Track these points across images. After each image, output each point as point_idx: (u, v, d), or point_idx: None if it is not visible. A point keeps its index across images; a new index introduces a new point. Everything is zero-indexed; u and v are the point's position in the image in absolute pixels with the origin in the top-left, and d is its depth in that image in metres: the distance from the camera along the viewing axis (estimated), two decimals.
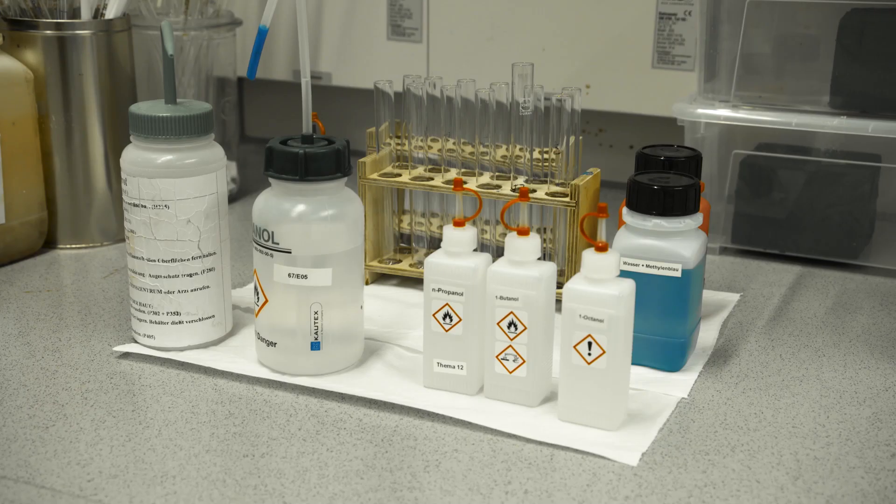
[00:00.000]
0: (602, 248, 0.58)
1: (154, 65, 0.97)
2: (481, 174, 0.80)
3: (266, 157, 0.66)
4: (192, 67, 0.98)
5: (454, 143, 0.80)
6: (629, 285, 0.59)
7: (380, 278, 0.83)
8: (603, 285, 0.58)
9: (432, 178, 0.80)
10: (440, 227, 0.83)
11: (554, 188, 0.76)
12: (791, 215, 0.86)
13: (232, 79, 1.03)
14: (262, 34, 0.68)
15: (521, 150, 0.78)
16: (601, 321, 0.58)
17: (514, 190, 0.77)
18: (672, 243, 0.65)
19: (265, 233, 0.65)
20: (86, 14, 0.86)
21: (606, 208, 0.58)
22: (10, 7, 0.86)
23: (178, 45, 0.96)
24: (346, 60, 1.11)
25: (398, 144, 0.82)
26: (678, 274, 0.64)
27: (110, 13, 0.88)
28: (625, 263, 0.65)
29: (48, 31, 0.85)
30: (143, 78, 0.96)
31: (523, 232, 0.61)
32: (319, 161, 0.65)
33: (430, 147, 0.81)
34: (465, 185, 0.64)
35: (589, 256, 0.58)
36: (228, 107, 1.03)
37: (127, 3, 0.88)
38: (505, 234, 0.81)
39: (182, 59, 0.97)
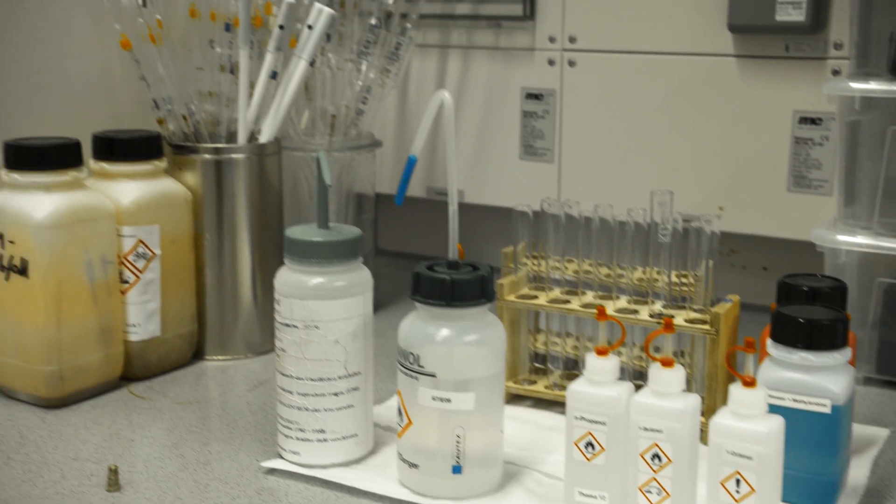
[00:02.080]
0: (750, 384, 0.58)
1: (298, 182, 1.02)
2: (618, 297, 0.80)
3: (413, 281, 0.68)
4: (335, 186, 1.03)
5: (590, 265, 0.82)
6: (778, 422, 0.58)
7: (514, 399, 0.84)
8: (751, 421, 0.58)
9: (569, 301, 0.81)
10: (575, 348, 0.83)
11: (692, 314, 0.76)
12: None
13: (370, 195, 1.08)
14: (411, 163, 0.72)
15: (658, 273, 0.78)
16: (750, 458, 0.57)
17: (652, 315, 0.77)
18: (820, 378, 0.64)
19: (411, 356, 0.67)
20: (242, 139, 0.92)
21: (754, 343, 0.58)
22: (175, 133, 0.93)
23: None
24: (478, 178, 1.15)
25: (534, 265, 0.83)
26: (827, 410, 0.63)
27: (264, 137, 0.93)
28: (770, 397, 0.64)
29: (207, 156, 0.90)
30: (287, 194, 1.01)
31: (667, 363, 0.62)
32: (465, 287, 0.67)
33: (566, 268, 0.82)
34: (605, 312, 0.65)
35: (736, 391, 0.58)
36: (367, 223, 1.07)
37: (279, 127, 0.94)
38: (641, 357, 0.81)
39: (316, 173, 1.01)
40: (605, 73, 1.05)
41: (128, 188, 0.85)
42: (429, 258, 1.22)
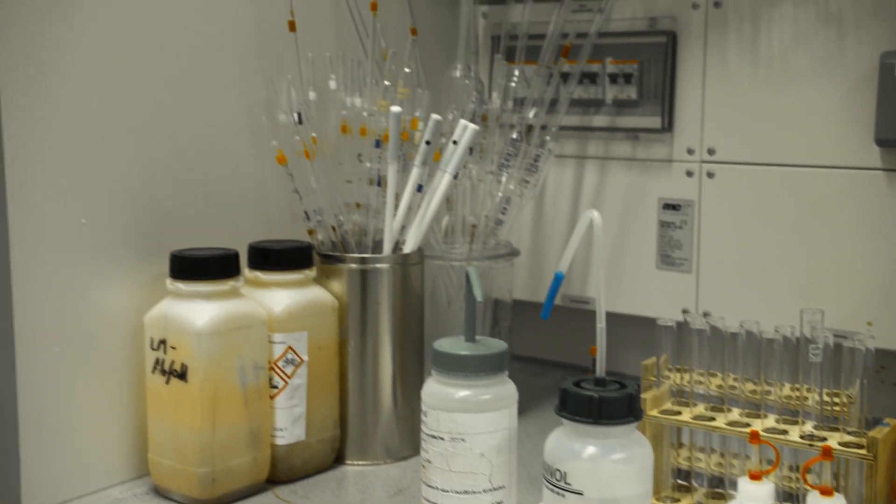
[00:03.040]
0: None
1: (437, 289, 1.04)
2: (766, 416, 0.79)
3: (560, 398, 0.69)
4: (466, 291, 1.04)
5: (735, 380, 0.80)
6: None
7: None
8: None
9: (714, 418, 0.79)
10: (720, 465, 0.82)
11: (847, 437, 0.74)
12: None
13: (507, 302, 1.09)
14: (558, 280, 0.73)
15: (808, 390, 0.76)
16: None
17: (803, 437, 0.75)
18: None
19: (557, 472, 0.67)
20: (387, 248, 0.95)
21: None
22: (324, 242, 0.96)
23: (461, 275, 1.03)
24: (614, 286, 1.15)
25: (677, 379, 0.83)
26: None
27: (408, 247, 0.96)
28: None
29: (353, 265, 0.93)
30: (426, 300, 1.03)
31: (826, 492, 0.60)
32: (613, 405, 0.67)
33: (710, 383, 0.81)
34: (759, 435, 0.64)
35: None
36: (504, 331, 1.08)
37: (423, 237, 0.96)
38: (790, 478, 0.79)
39: (465, 287, 1.03)
40: (746, 185, 1.04)
41: (280, 296, 0.89)
42: (562, 364, 1.23)
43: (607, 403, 0.66)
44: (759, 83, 1.03)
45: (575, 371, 1.21)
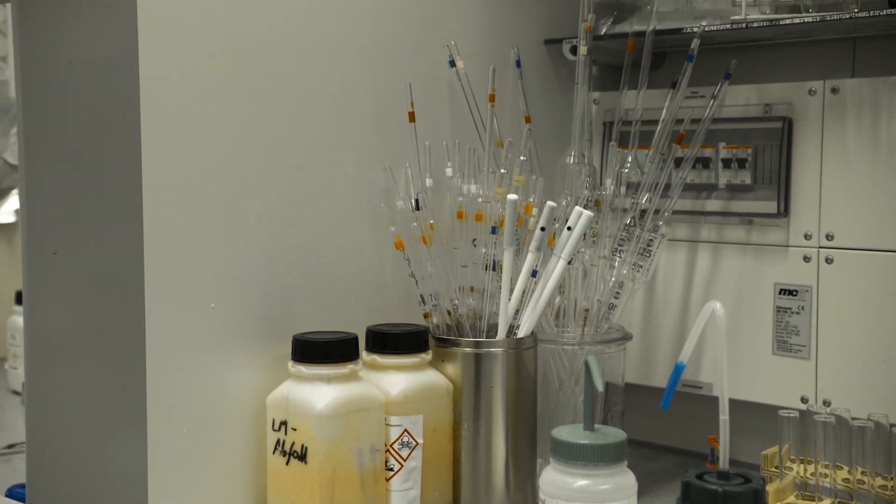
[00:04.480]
0: None
1: (548, 372, 1.04)
2: None
3: (682, 490, 0.68)
4: (586, 377, 1.04)
5: (863, 473, 0.78)
6: None
7: None
8: None
9: None
10: None
11: None
12: None
13: (619, 386, 1.08)
14: (678, 370, 0.73)
15: None
16: None
17: None
18: None
19: None
20: (502, 333, 0.96)
21: None
22: (439, 326, 0.98)
23: (573, 358, 1.03)
24: (729, 372, 1.12)
25: (801, 472, 0.81)
26: None
27: (522, 332, 0.96)
28: None
29: (468, 349, 0.94)
30: (538, 383, 1.03)
31: None
32: (737, 500, 0.66)
33: (835, 476, 0.79)
34: None
35: None
36: (616, 415, 1.07)
37: (537, 322, 0.97)
38: None
39: (577, 372, 1.03)
40: (866, 272, 1.02)
41: (396, 379, 0.90)
42: (674, 449, 1.21)
43: (732, 498, 0.65)
44: (879, 168, 1.01)
45: (687, 456, 1.19)
